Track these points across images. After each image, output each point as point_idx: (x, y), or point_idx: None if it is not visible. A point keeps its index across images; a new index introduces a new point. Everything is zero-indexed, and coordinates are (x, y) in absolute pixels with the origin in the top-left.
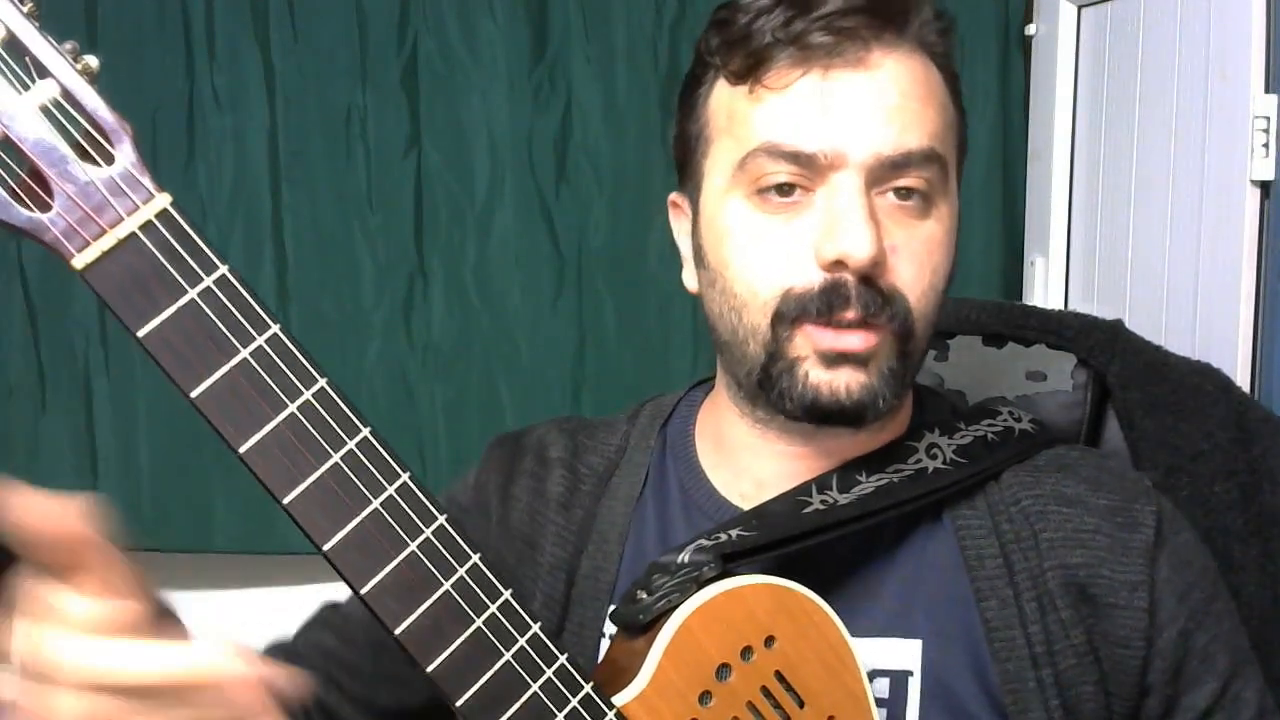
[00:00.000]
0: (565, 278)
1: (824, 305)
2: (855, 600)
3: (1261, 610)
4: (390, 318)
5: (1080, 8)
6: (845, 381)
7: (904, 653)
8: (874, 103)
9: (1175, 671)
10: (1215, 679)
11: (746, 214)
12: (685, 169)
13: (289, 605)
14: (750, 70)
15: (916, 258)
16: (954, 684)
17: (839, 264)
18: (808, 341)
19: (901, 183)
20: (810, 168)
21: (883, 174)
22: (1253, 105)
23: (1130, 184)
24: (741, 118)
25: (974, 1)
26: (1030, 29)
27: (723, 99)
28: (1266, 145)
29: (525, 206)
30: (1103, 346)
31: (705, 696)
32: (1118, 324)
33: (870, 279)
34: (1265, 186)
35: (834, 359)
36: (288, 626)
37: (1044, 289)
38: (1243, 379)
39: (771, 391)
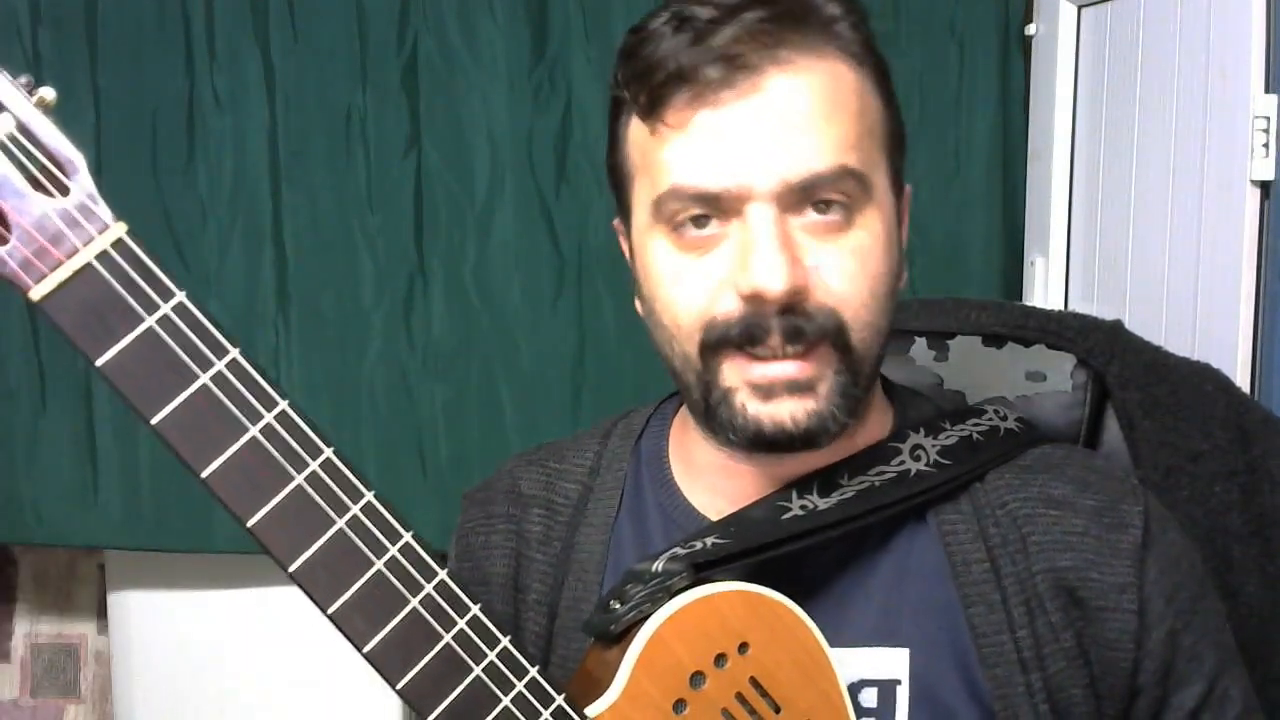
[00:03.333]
0: (565, 278)
1: (744, 337)
2: (840, 608)
3: (1261, 610)
4: (390, 318)
5: (1080, 8)
6: (789, 412)
7: (891, 661)
8: (772, 131)
9: (1164, 672)
10: (1203, 678)
11: (666, 251)
12: (619, 198)
13: (289, 605)
14: (652, 107)
15: (845, 271)
16: (942, 692)
17: (757, 297)
18: (737, 372)
19: (817, 203)
20: (719, 204)
21: (795, 198)
22: (1253, 105)
23: (1130, 184)
24: (651, 158)
25: (974, 1)
26: (1030, 29)
27: (636, 137)
28: (1266, 145)
29: (525, 206)
30: (1102, 347)
31: (680, 705)
32: (1117, 324)
33: (794, 303)
34: (1265, 186)
35: (768, 390)
36: (287, 627)
37: (1044, 289)
38: (1243, 379)
39: (714, 422)
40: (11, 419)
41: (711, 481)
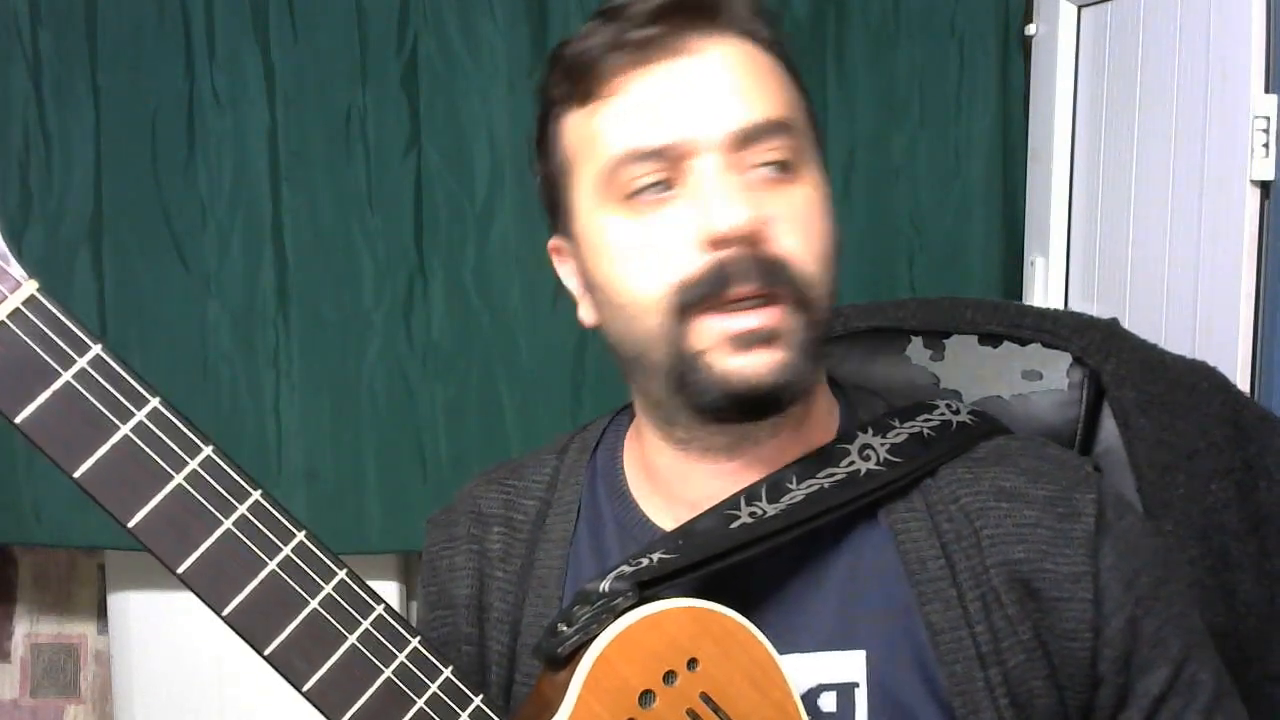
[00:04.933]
0: None
1: (715, 286)
2: (794, 614)
3: (1258, 608)
4: (390, 318)
5: (1080, 8)
6: (757, 364)
7: (848, 665)
8: (708, 84)
9: (1125, 660)
10: (1168, 664)
11: (620, 223)
12: (556, 211)
13: None
14: (587, 87)
15: (797, 223)
16: (901, 692)
17: (720, 242)
18: (707, 332)
19: (761, 156)
20: (668, 159)
21: (738, 149)
22: (1253, 105)
23: (1130, 184)
24: (592, 135)
25: (974, 1)
26: (1030, 29)
27: (573, 127)
28: (1266, 145)
29: (525, 206)
30: (1098, 345)
31: None
32: (1113, 322)
33: (755, 248)
34: (1265, 186)
35: (740, 341)
36: None
37: (1044, 289)
38: (1243, 379)
39: (686, 392)
40: None
41: (667, 489)
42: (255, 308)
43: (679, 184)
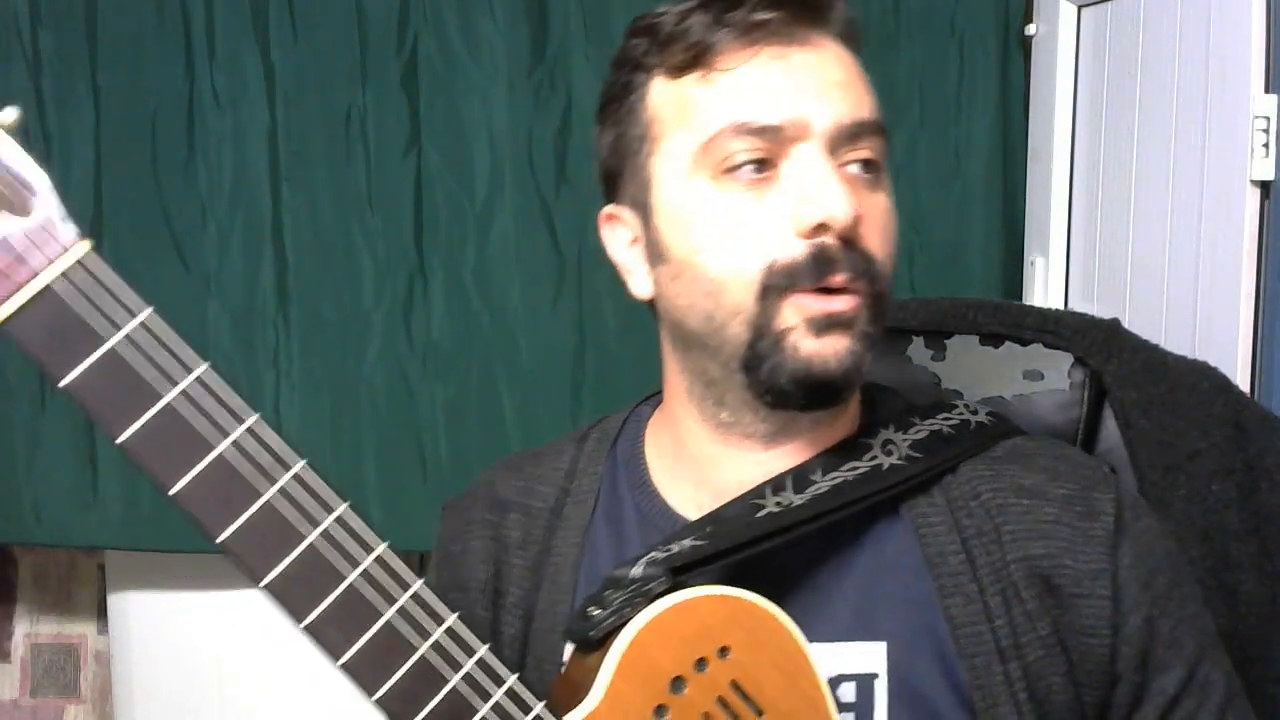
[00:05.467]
0: (565, 278)
1: (814, 272)
2: (816, 604)
3: (1259, 608)
4: (390, 318)
5: (1080, 8)
6: (835, 347)
7: (868, 656)
8: (827, 76)
9: (1142, 658)
10: (1182, 664)
11: (715, 195)
12: (621, 177)
13: None
14: (695, 60)
15: (879, 225)
16: (921, 684)
17: (821, 228)
18: (796, 311)
19: (857, 154)
20: (775, 140)
21: (840, 143)
22: (1253, 105)
23: (1130, 184)
24: (697, 105)
25: (974, 1)
26: (1030, 29)
27: (667, 94)
28: (1266, 145)
29: (525, 206)
30: (1100, 345)
31: (660, 710)
32: (1115, 323)
33: (851, 241)
34: (1265, 186)
35: (823, 324)
36: (287, 626)
37: (1044, 289)
38: (1243, 379)
39: (761, 368)
40: (11, 419)
41: (696, 473)
42: (255, 308)
43: (778, 165)
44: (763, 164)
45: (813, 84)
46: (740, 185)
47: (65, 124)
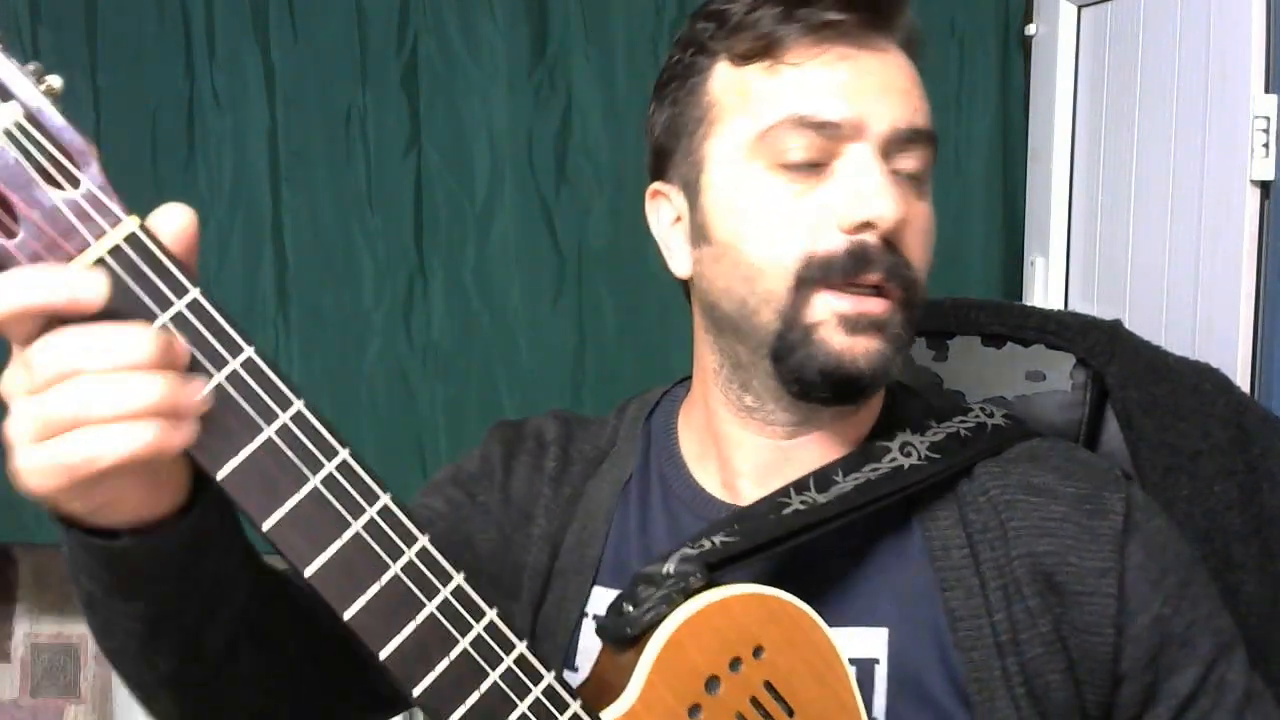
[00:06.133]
0: (565, 278)
1: (850, 268)
2: (823, 591)
3: (1261, 610)
4: (390, 318)
5: (1080, 8)
6: (865, 347)
7: (870, 641)
8: (889, 80)
9: (1152, 658)
10: (1197, 664)
11: (768, 183)
12: (674, 156)
13: None
14: (763, 51)
15: (920, 233)
16: (920, 672)
17: (865, 226)
18: (827, 306)
19: (905, 162)
20: (832, 137)
21: (894, 147)
22: (1253, 105)
23: (1130, 184)
24: (759, 94)
25: (974, 1)
26: (1030, 29)
27: (730, 80)
28: (1266, 145)
29: (525, 206)
30: (1102, 346)
31: (695, 710)
32: (1116, 324)
33: (892, 243)
34: (1265, 186)
35: (855, 324)
36: None
37: (1044, 289)
38: (1243, 379)
39: (789, 359)
40: None
41: (720, 452)
42: (255, 308)
43: (830, 163)
44: (817, 161)
45: (875, 86)
46: (791, 177)
47: None
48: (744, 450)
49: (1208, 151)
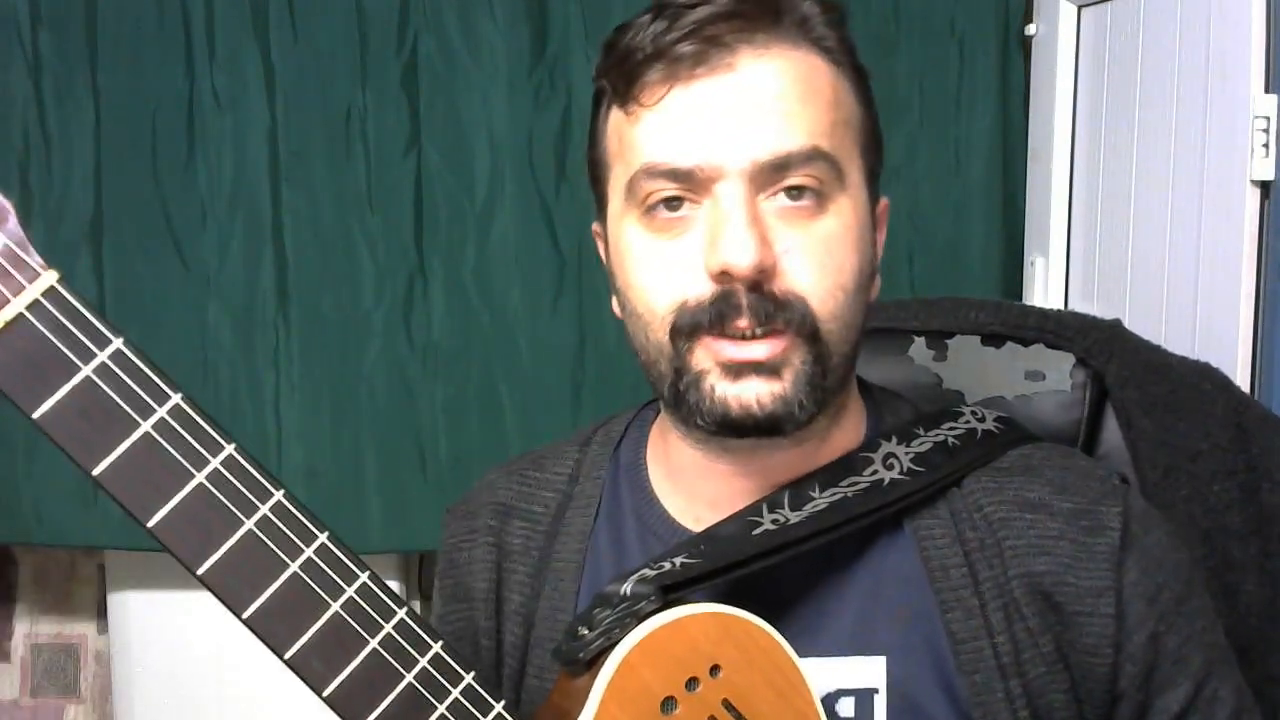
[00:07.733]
0: (565, 278)
1: (715, 316)
2: (814, 619)
3: (1260, 609)
4: (390, 318)
5: (1080, 8)
6: (755, 393)
7: (868, 670)
8: (744, 109)
9: (1146, 676)
10: (1189, 680)
11: (639, 235)
12: (598, 196)
13: None
14: (628, 90)
15: (815, 257)
16: (921, 699)
17: (725, 274)
18: (708, 354)
19: (789, 183)
20: (691, 182)
21: (765, 178)
22: (1253, 105)
23: (1130, 184)
24: (627, 141)
25: (974, 1)
26: (1030, 29)
27: (614, 124)
28: (1266, 145)
29: (525, 206)
30: (1101, 346)
31: None
32: (1116, 323)
33: (760, 286)
34: (1265, 186)
35: (738, 370)
36: None
37: (1044, 289)
38: (1243, 379)
39: (683, 407)
40: (11, 419)
41: (688, 485)
42: (255, 308)
43: (701, 204)
44: (680, 202)
45: (728, 120)
46: (660, 225)
47: (65, 124)
48: (710, 480)
49: (1207, 151)
